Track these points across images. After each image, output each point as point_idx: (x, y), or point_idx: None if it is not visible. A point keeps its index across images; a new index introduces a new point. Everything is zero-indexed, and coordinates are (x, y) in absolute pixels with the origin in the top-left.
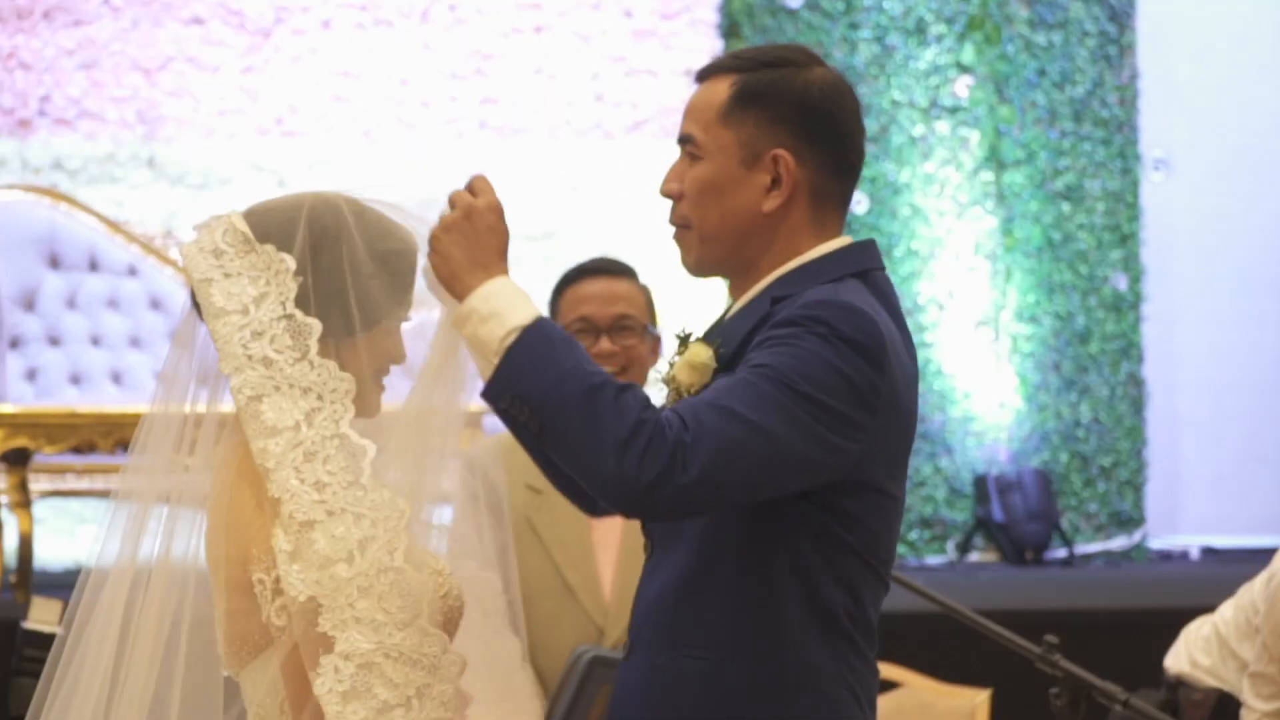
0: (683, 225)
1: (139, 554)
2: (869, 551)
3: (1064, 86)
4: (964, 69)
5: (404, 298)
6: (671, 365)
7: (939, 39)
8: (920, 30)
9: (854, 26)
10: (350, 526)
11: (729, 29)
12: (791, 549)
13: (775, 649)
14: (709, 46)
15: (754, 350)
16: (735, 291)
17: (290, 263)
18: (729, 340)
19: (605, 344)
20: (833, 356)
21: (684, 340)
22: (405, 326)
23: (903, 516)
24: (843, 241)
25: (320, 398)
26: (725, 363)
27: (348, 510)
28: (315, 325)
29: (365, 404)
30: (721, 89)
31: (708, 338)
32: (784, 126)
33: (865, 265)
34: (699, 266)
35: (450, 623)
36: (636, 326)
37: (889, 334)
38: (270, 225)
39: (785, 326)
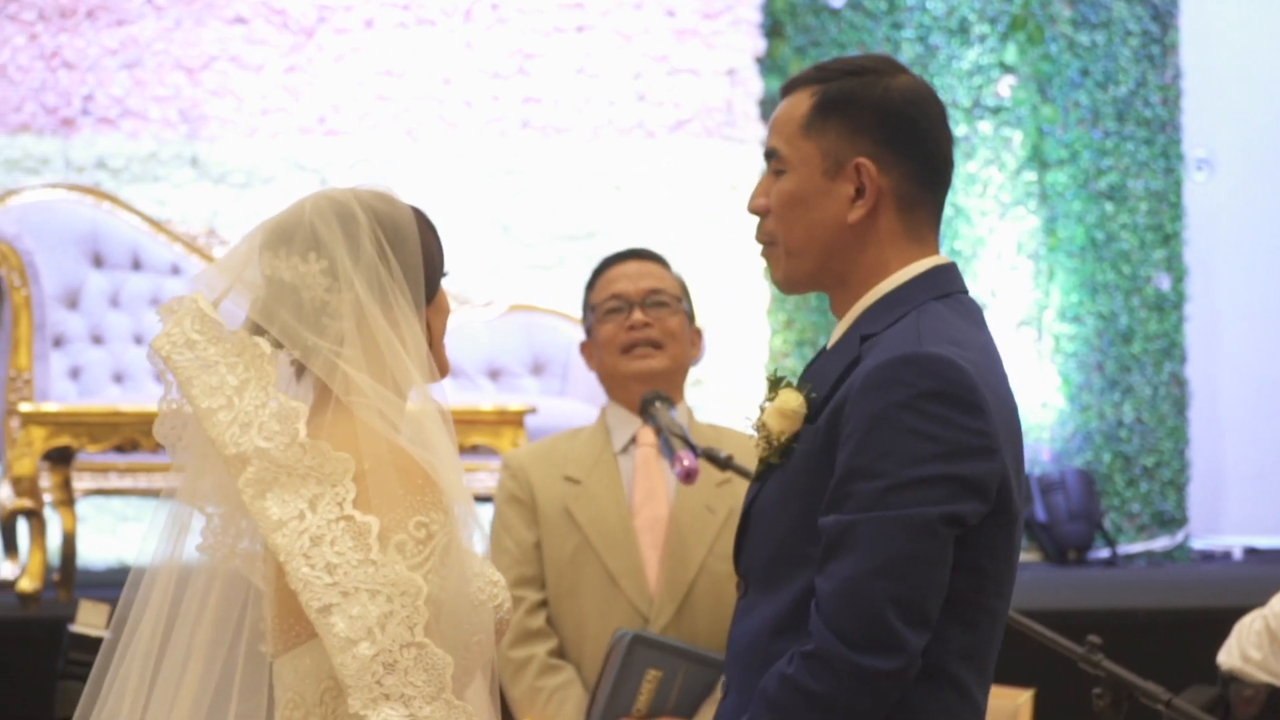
0: (769, 241)
1: (183, 553)
2: (995, 584)
3: (1107, 86)
4: (1007, 69)
5: (442, 255)
6: (762, 411)
7: (982, 39)
8: (963, 30)
9: (897, 26)
10: (366, 604)
11: (771, 28)
12: None
13: None
14: (751, 46)
15: (841, 448)
16: (835, 308)
17: (265, 346)
18: (820, 384)
19: (638, 315)
20: (923, 423)
21: (774, 384)
22: None
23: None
24: (927, 264)
25: (320, 482)
26: (816, 408)
27: (361, 588)
28: (301, 409)
29: (445, 363)
30: (803, 101)
31: (802, 381)
32: (865, 134)
33: (945, 290)
34: (787, 282)
35: (499, 634)
36: (670, 301)
37: (974, 368)
38: (296, 235)
39: (864, 405)
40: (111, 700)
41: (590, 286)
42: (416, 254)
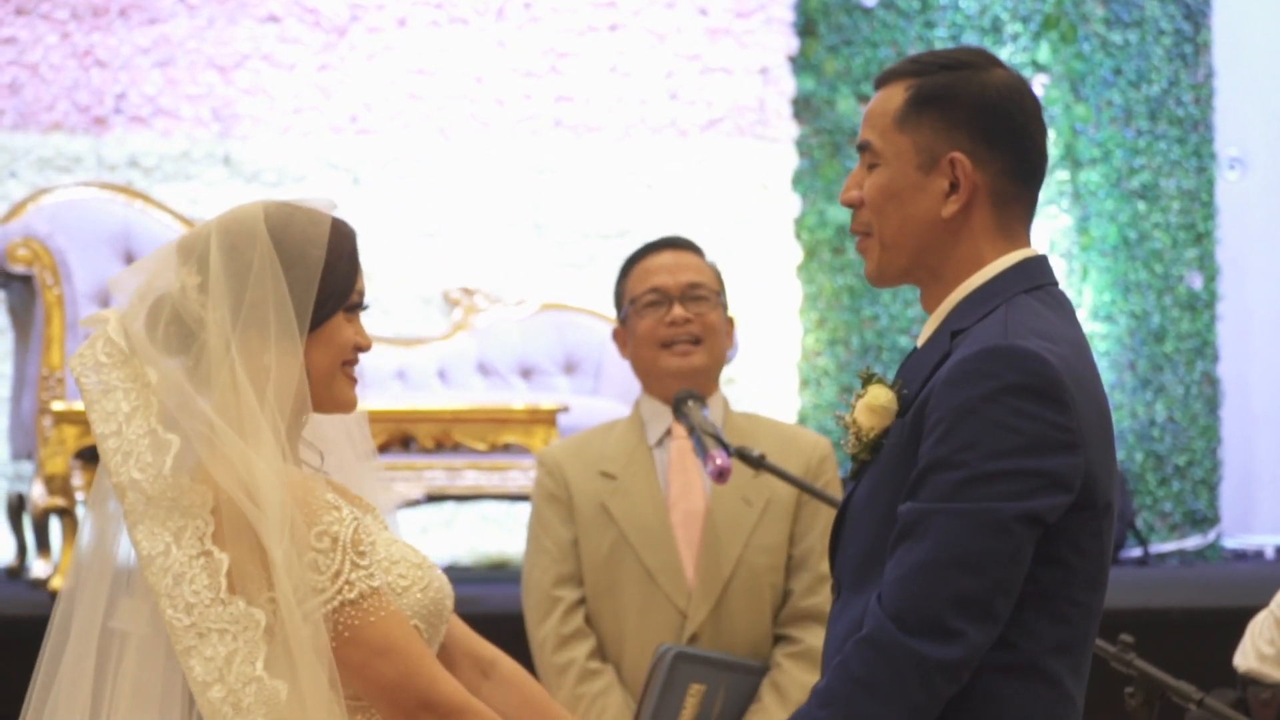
0: (864, 233)
1: (117, 553)
2: (1084, 578)
3: (1139, 85)
4: (1040, 68)
5: (345, 286)
6: (852, 407)
7: (1014, 38)
8: (996, 29)
9: (929, 25)
10: (216, 645)
11: (804, 27)
12: None
13: (957, 699)
14: (784, 45)
15: (924, 440)
16: (926, 301)
17: (152, 376)
18: (911, 381)
19: (678, 310)
20: (1007, 416)
21: (866, 380)
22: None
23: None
24: (1017, 256)
25: (183, 515)
26: (906, 403)
27: (213, 629)
28: (174, 441)
29: (335, 398)
30: (898, 94)
31: (896, 377)
32: (961, 129)
33: (1036, 282)
34: (880, 276)
35: (434, 615)
36: (709, 295)
37: (1062, 362)
38: (190, 246)
39: (948, 398)
40: (52, 698)
41: (625, 275)
42: (309, 284)
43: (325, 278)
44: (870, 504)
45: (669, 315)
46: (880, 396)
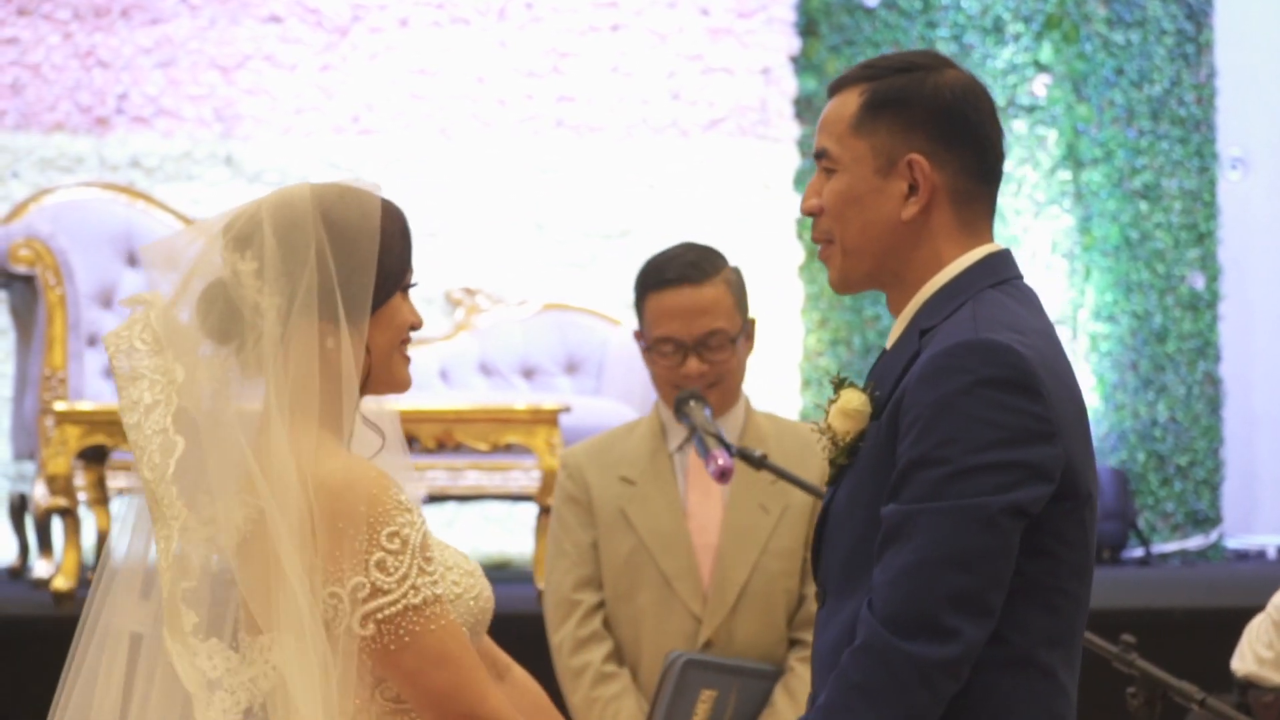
0: (826, 241)
1: (150, 551)
2: (1071, 567)
3: (1142, 85)
4: (1041, 68)
5: (402, 266)
6: (826, 413)
7: (1016, 38)
8: (998, 29)
9: (931, 25)
10: (189, 666)
11: (806, 27)
12: None
13: (955, 697)
14: (786, 45)
15: (901, 439)
16: (892, 305)
17: (179, 374)
18: (884, 382)
19: (693, 364)
20: (984, 410)
21: (838, 385)
22: None
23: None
24: (981, 252)
25: (165, 524)
26: (880, 406)
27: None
28: (179, 444)
29: (394, 378)
30: (852, 100)
31: (867, 381)
32: (917, 131)
33: (1001, 276)
34: (844, 282)
35: (480, 623)
36: (725, 342)
37: (1034, 353)
38: (243, 231)
39: (923, 394)
40: (79, 694)
41: (642, 297)
42: (367, 266)
43: (384, 258)
44: (850, 508)
45: (684, 369)
46: (853, 400)
